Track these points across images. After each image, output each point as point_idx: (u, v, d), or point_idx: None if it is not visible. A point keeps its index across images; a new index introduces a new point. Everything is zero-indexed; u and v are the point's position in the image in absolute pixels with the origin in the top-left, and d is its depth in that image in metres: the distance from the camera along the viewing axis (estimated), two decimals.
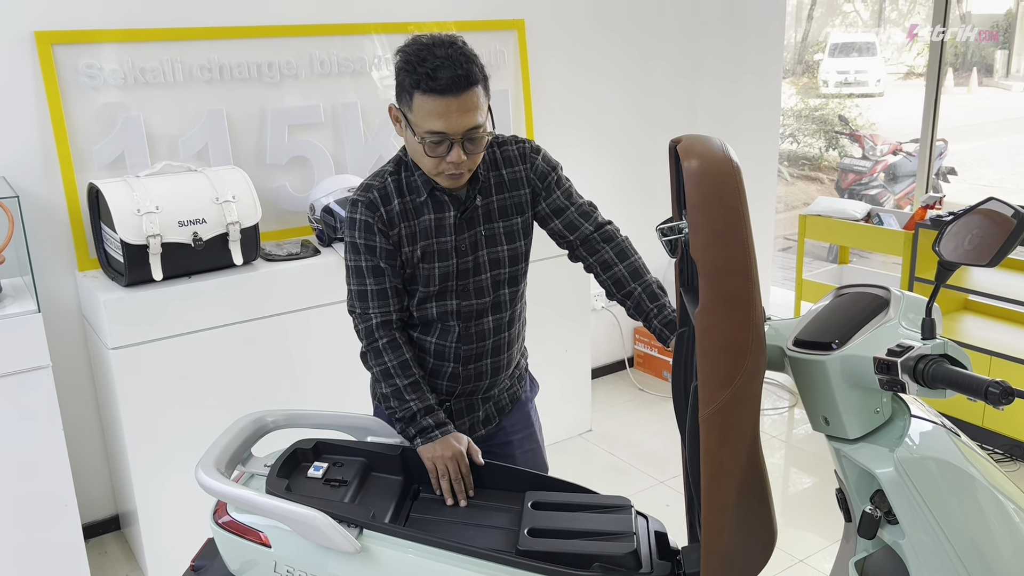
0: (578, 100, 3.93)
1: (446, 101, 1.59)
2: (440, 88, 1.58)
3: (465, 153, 1.65)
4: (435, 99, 1.59)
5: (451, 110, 1.60)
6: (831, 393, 1.44)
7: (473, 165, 1.70)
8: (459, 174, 1.70)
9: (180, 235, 2.59)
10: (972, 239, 1.39)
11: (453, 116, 1.60)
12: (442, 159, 1.66)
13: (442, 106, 1.60)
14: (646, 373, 4.33)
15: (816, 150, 10.33)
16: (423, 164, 1.70)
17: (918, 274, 3.54)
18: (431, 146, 1.64)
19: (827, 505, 2.96)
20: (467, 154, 1.66)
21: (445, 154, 1.65)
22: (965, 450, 1.45)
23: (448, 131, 1.62)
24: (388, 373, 1.77)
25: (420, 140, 1.64)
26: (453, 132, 1.62)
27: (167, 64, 2.87)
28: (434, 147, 1.64)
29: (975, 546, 1.38)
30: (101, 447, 3.02)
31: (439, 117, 1.60)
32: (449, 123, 1.61)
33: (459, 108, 1.60)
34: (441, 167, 1.67)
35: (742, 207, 1.29)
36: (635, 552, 1.52)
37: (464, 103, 1.60)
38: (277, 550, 1.53)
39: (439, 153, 1.65)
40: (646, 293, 1.83)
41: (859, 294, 1.56)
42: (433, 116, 1.61)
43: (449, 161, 1.65)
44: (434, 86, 1.58)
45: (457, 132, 1.62)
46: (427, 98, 1.60)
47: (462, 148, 1.64)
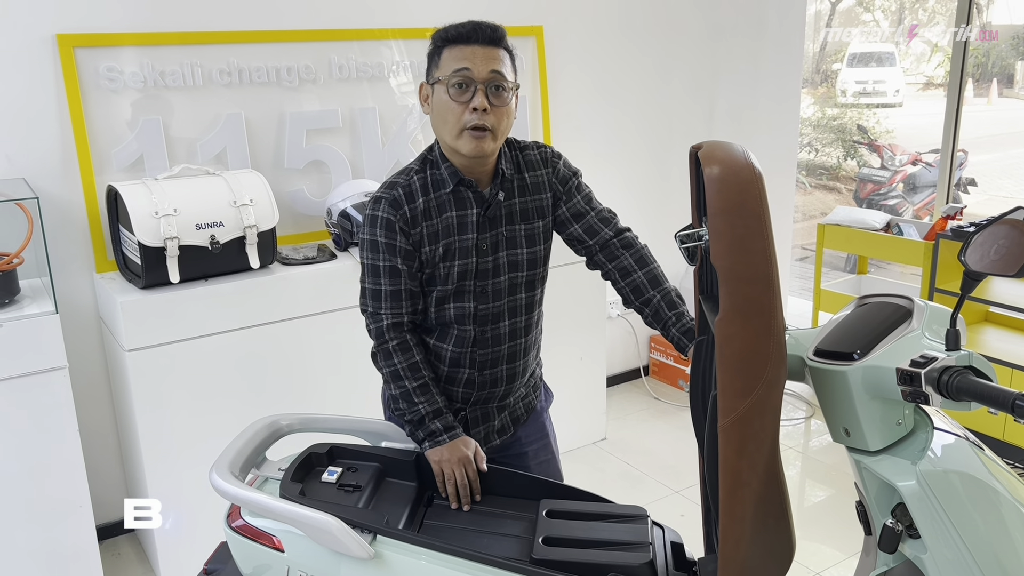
0: (595, 106, 3.92)
1: (471, 48, 1.67)
2: (466, 35, 1.67)
3: (489, 103, 1.68)
4: (462, 47, 1.67)
5: (476, 55, 1.67)
6: (852, 404, 1.42)
7: (497, 124, 1.70)
8: (483, 130, 1.68)
9: (197, 238, 2.59)
10: (998, 249, 1.37)
11: (478, 60, 1.67)
12: (466, 107, 1.67)
13: (468, 51, 1.67)
14: (661, 382, 4.30)
15: (834, 160, 10.27)
16: (448, 123, 1.70)
17: (938, 285, 3.50)
18: (455, 90, 1.67)
19: (844, 518, 2.93)
20: (492, 104, 1.68)
21: (469, 99, 1.67)
22: (989, 464, 1.43)
23: (472, 68, 1.66)
24: (398, 375, 1.77)
25: (446, 84, 1.68)
26: (477, 72, 1.67)
27: (187, 68, 2.89)
28: (459, 91, 1.67)
29: (998, 562, 1.35)
30: (116, 448, 3.03)
31: (464, 59, 1.67)
32: (474, 64, 1.67)
33: (484, 55, 1.67)
34: (465, 118, 1.68)
35: (764, 214, 1.28)
36: (651, 563, 1.50)
37: (489, 52, 1.68)
38: (290, 555, 1.52)
39: (463, 98, 1.68)
40: (664, 301, 1.81)
41: (881, 304, 1.54)
42: (459, 59, 1.68)
43: (473, 107, 1.67)
44: (461, 34, 1.68)
45: (482, 73, 1.67)
46: (455, 48, 1.68)
47: (486, 96, 1.67)
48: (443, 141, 1.75)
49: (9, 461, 2.39)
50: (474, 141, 1.70)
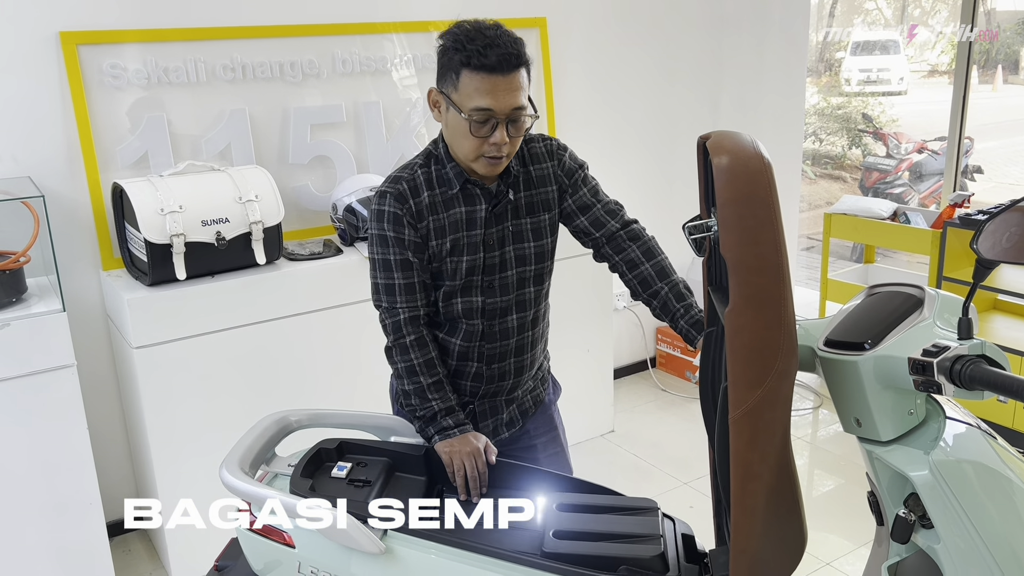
0: (600, 98, 3.90)
1: (494, 79, 1.61)
2: (490, 65, 1.60)
3: (508, 135, 1.66)
4: (484, 76, 1.60)
5: (499, 88, 1.61)
6: (863, 394, 1.41)
7: (512, 150, 1.70)
8: (499, 158, 1.69)
9: (203, 234, 2.59)
10: (1011, 236, 1.36)
11: (501, 94, 1.61)
12: (485, 140, 1.65)
13: (490, 83, 1.61)
14: (669, 374, 4.29)
15: (839, 148, 10.23)
16: (463, 147, 1.69)
17: (946, 273, 3.48)
18: (476, 125, 1.64)
19: (854, 507, 2.92)
20: (510, 136, 1.66)
21: (489, 134, 1.65)
22: (1002, 453, 1.42)
23: (495, 108, 1.62)
24: (413, 370, 1.76)
25: (467, 118, 1.64)
26: (499, 110, 1.63)
27: (190, 64, 2.88)
28: (479, 127, 1.64)
29: (1012, 551, 1.35)
30: (125, 445, 3.03)
31: (487, 94, 1.61)
32: (497, 100, 1.62)
33: (507, 87, 1.62)
34: (483, 148, 1.67)
35: (774, 204, 1.27)
36: (662, 555, 1.50)
37: (511, 82, 1.62)
38: (301, 551, 1.53)
39: (483, 133, 1.65)
40: (673, 293, 1.80)
41: (892, 293, 1.53)
42: (481, 93, 1.61)
43: (492, 142, 1.65)
44: (484, 62, 1.59)
45: (504, 110, 1.63)
46: (476, 75, 1.61)
47: (506, 129, 1.65)
48: (455, 153, 1.74)
49: (19, 459, 2.39)
50: (490, 166, 1.70)
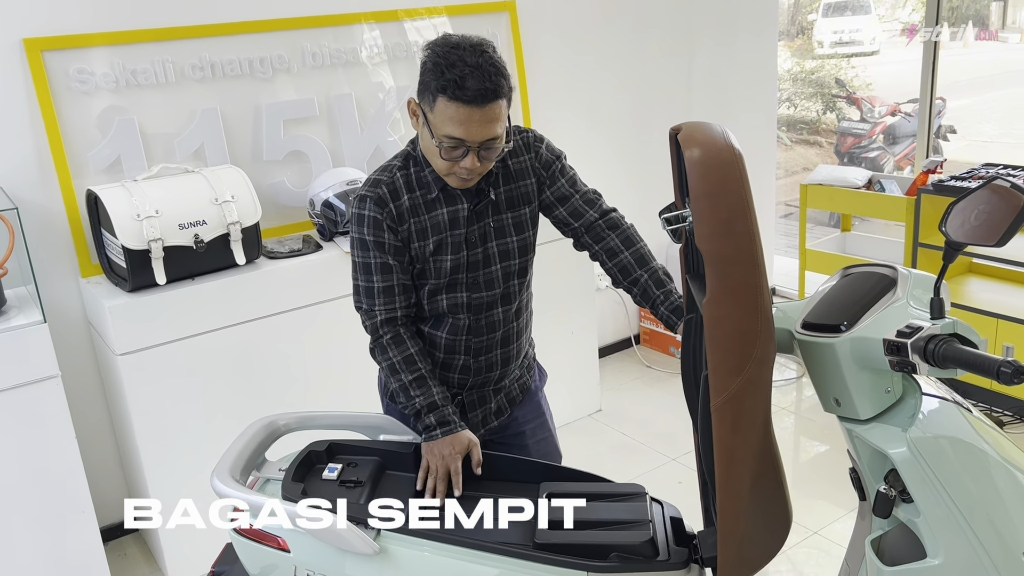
0: (573, 79, 3.89)
1: (469, 110, 1.59)
2: (466, 98, 1.58)
3: (479, 160, 1.65)
4: (459, 106, 1.59)
5: (473, 119, 1.60)
6: (841, 375, 1.44)
7: (484, 171, 1.71)
8: (470, 179, 1.70)
9: (181, 238, 2.58)
10: (979, 215, 1.38)
11: (474, 126, 1.60)
12: (455, 163, 1.66)
13: (464, 114, 1.59)
14: (653, 350, 4.33)
15: (814, 113, 10.25)
16: (435, 163, 1.70)
17: (922, 240, 3.52)
18: (447, 150, 1.64)
19: (839, 473, 2.97)
20: (481, 161, 1.66)
21: (460, 159, 1.65)
22: (977, 425, 1.46)
23: (467, 139, 1.62)
24: (394, 369, 1.78)
25: (437, 143, 1.64)
26: (471, 140, 1.62)
27: (158, 65, 2.85)
28: (449, 151, 1.64)
29: (989, 521, 1.38)
30: (115, 450, 3.03)
31: (460, 124, 1.60)
32: (469, 131, 1.61)
33: (481, 119, 1.60)
34: (453, 170, 1.68)
35: (746, 195, 1.28)
36: (652, 540, 1.53)
37: (486, 114, 1.60)
38: (296, 554, 1.54)
39: (453, 157, 1.65)
40: (652, 280, 1.82)
41: (865, 274, 1.55)
42: (454, 122, 1.60)
43: (462, 167, 1.66)
44: (460, 95, 1.57)
45: (475, 141, 1.62)
46: (450, 104, 1.59)
47: (477, 156, 1.64)
48: (428, 159, 1.74)
49: (10, 471, 2.39)
50: (460, 182, 1.72)
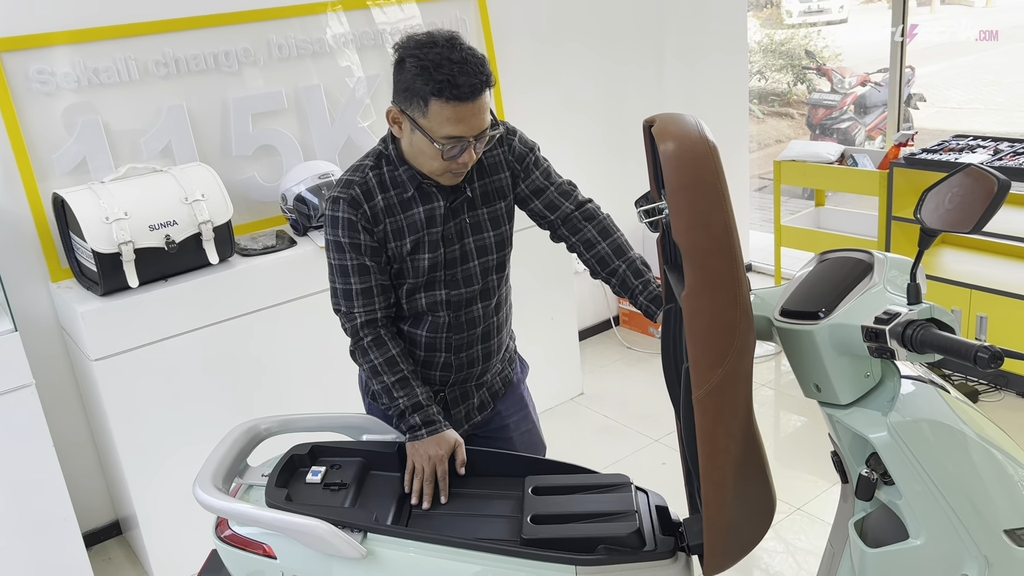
0: (543, 61, 3.87)
1: (465, 107, 1.59)
2: (462, 96, 1.58)
3: (476, 152, 1.67)
4: (456, 106, 1.59)
5: (468, 115, 1.61)
6: (821, 361, 1.45)
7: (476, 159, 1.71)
8: (461, 174, 1.71)
9: (152, 239, 2.54)
10: (952, 198, 1.39)
11: (471, 120, 1.61)
12: (454, 160, 1.65)
13: (461, 112, 1.60)
14: (632, 331, 4.34)
15: (784, 85, 10.27)
16: (430, 166, 1.68)
17: (895, 213, 3.55)
18: (449, 150, 1.64)
19: (819, 447, 3.01)
20: (477, 152, 1.67)
21: (459, 156, 1.65)
22: (955, 406, 1.47)
23: (467, 134, 1.62)
24: (376, 371, 1.76)
25: (439, 146, 1.63)
26: (470, 135, 1.63)
27: (120, 62, 2.79)
28: (451, 151, 1.64)
29: (969, 500, 1.40)
30: (94, 455, 3.00)
31: (459, 122, 1.60)
32: (468, 127, 1.62)
33: (474, 112, 1.61)
34: (451, 168, 1.67)
35: (722, 187, 1.28)
36: (638, 531, 1.54)
37: (478, 106, 1.62)
38: (283, 560, 1.53)
39: (454, 156, 1.65)
40: (630, 270, 1.82)
41: (842, 259, 1.56)
42: (453, 122, 1.60)
43: (461, 162, 1.66)
44: (456, 94, 1.58)
45: (474, 134, 1.64)
46: (447, 105, 1.59)
47: (473, 148, 1.66)
48: (418, 166, 1.72)
49: None
50: (455, 179, 1.71)
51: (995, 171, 1.29)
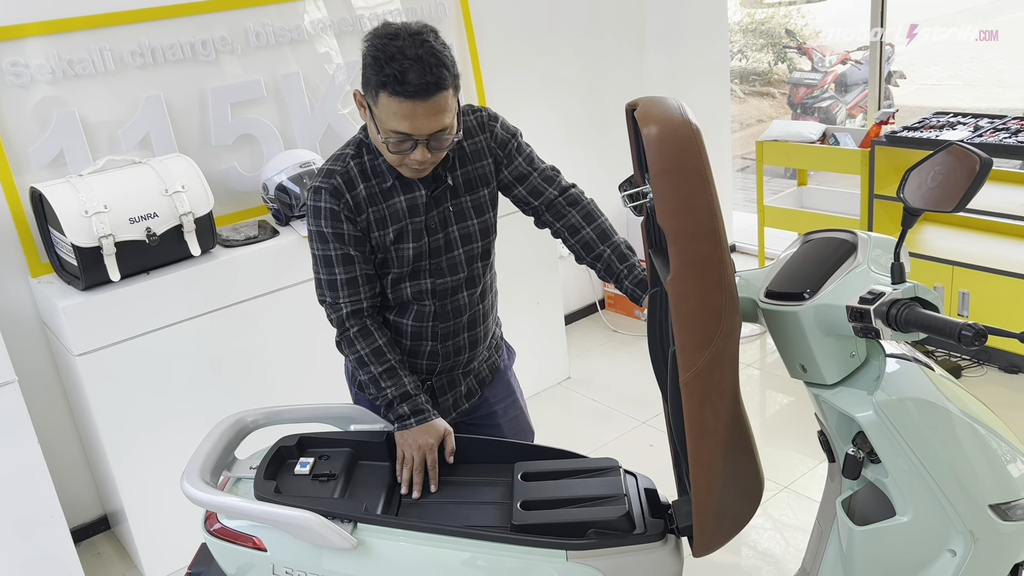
0: (524, 45, 3.84)
1: (413, 105, 1.54)
2: (408, 93, 1.53)
3: (429, 151, 1.62)
4: (401, 102, 1.54)
5: (417, 113, 1.55)
6: (806, 342, 1.45)
7: (437, 160, 1.67)
8: (423, 169, 1.67)
9: (133, 232, 2.52)
10: (935, 176, 1.39)
11: (419, 120, 1.56)
12: (405, 156, 1.62)
13: (408, 109, 1.55)
14: (618, 313, 4.35)
15: (765, 65, 10.27)
16: (385, 156, 1.66)
17: (877, 191, 3.56)
18: (394, 144, 1.60)
19: (806, 425, 3.03)
20: (431, 152, 1.62)
21: (408, 152, 1.61)
22: (940, 383, 1.48)
23: (413, 133, 1.58)
24: (363, 361, 1.76)
25: (384, 139, 1.60)
26: (418, 134, 1.58)
27: (95, 53, 2.75)
28: (397, 145, 1.60)
29: (955, 477, 1.42)
30: (80, 450, 2.98)
31: (404, 119, 1.56)
32: (415, 125, 1.57)
33: (426, 112, 1.55)
34: (404, 162, 1.64)
35: (706, 171, 1.28)
36: (628, 514, 1.55)
37: (431, 107, 1.55)
38: (273, 553, 1.53)
39: (402, 151, 1.61)
40: (615, 255, 1.82)
41: (826, 239, 1.56)
42: (398, 117, 1.56)
43: (412, 159, 1.62)
44: (401, 90, 1.53)
45: (422, 135, 1.58)
46: (393, 99, 1.54)
47: (427, 148, 1.61)
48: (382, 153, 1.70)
49: None
50: (413, 173, 1.68)
51: (977, 149, 1.30)
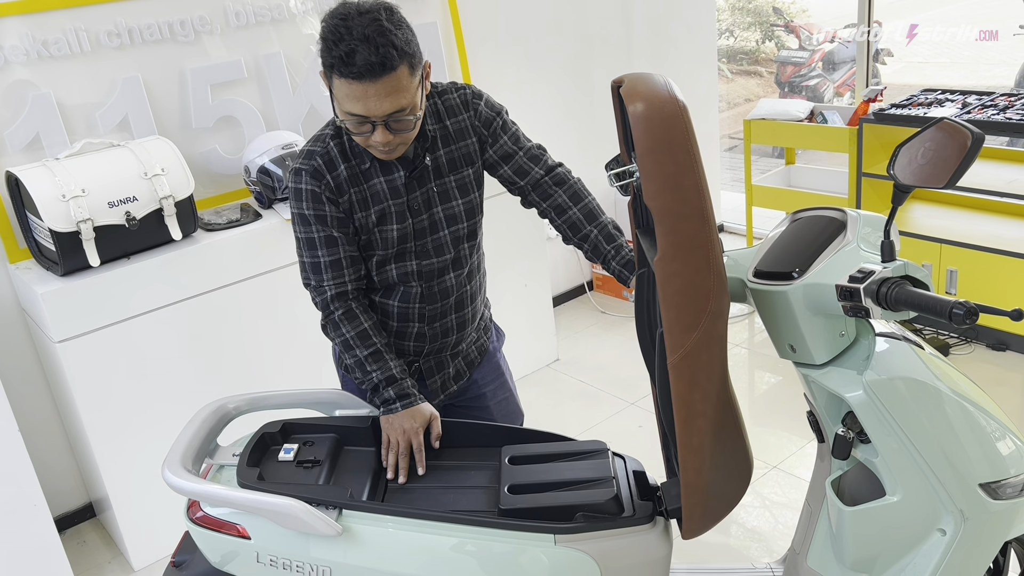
0: (510, 22, 3.79)
1: (363, 86, 1.50)
2: (354, 74, 1.49)
3: (392, 133, 1.57)
4: (350, 83, 1.50)
5: (369, 95, 1.51)
6: (795, 322, 1.44)
7: (407, 140, 1.63)
8: (391, 151, 1.63)
9: (112, 216, 2.47)
10: (925, 152, 1.37)
11: (372, 101, 1.52)
12: (367, 138, 1.58)
13: (359, 91, 1.51)
14: (606, 295, 4.33)
15: (753, 43, 10.22)
16: (354, 138, 1.62)
17: (866, 169, 3.55)
18: (354, 125, 1.57)
19: (794, 405, 3.03)
20: (393, 133, 1.58)
21: (368, 134, 1.57)
22: (930, 362, 1.47)
23: (368, 114, 1.54)
24: (348, 344, 1.73)
25: (341, 120, 1.57)
26: (373, 116, 1.54)
27: (71, 34, 2.69)
28: (356, 127, 1.57)
29: (945, 456, 1.41)
30: (63, 438, 2.95)
31: (357, 100, 1.52)
32: (368, 107, 1.53)
33: (377, 93, 1.51)
34: (368, 143, 1.61)
35: (693, 148, 1.25)
36: (616, 497, 1.53)
37: (384, 87, 1.51)
38: (257, 541, 1.51)
39: (362, 132, 1.58)
40: (602, 235, 1.79)
41: (815, 218, 1.54)
42: (351, 99, 1.52)
43: (374, 141, 1.58)
44: (347, 71, 1.49)
45: (378, 116, 1.54)
46: (343, 81, 1.51)
47: (387, 128, 1.56)
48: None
49: None
50: (384, 154, 1.64)
51: (968, 124, 1.27)
